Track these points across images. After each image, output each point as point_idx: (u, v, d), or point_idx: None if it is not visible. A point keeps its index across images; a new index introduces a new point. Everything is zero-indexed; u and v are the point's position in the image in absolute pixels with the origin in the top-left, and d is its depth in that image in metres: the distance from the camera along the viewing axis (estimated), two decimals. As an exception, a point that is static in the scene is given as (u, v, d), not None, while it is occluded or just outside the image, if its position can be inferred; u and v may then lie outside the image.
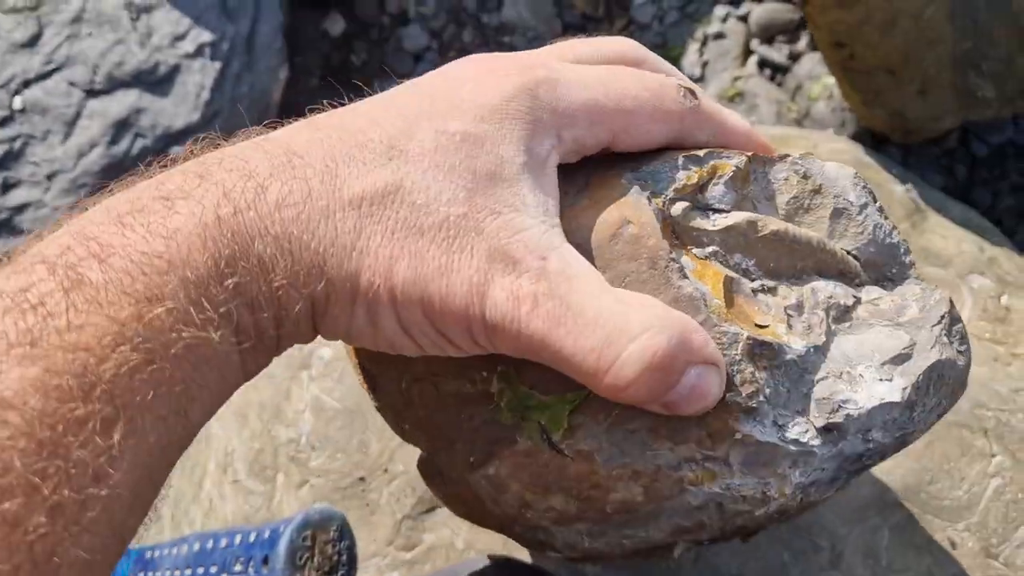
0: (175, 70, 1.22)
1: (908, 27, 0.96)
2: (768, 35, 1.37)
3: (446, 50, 1.49)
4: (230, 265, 0.28)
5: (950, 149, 1.34)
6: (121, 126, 1.19)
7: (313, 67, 1.52)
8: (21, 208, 1.18)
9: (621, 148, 0.36)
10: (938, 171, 1.33)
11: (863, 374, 0.36)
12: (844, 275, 0.39)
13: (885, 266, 0.40)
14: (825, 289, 0.38)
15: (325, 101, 0.36)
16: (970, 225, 1.03)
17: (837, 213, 0.39)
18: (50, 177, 1.18)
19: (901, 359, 0.37)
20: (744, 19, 1.38)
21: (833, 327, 0.37)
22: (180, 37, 1.22)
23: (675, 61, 1.40)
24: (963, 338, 0.39)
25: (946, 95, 1.03)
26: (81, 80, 1.20)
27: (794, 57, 1.36)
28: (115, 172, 1.19)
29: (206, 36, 1.23)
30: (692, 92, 0.37)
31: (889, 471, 0.86)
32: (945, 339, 0.38)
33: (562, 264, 0.31)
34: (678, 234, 0.36)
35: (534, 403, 0.36)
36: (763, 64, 1.36)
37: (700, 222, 0.37)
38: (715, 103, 0.39)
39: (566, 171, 0.36)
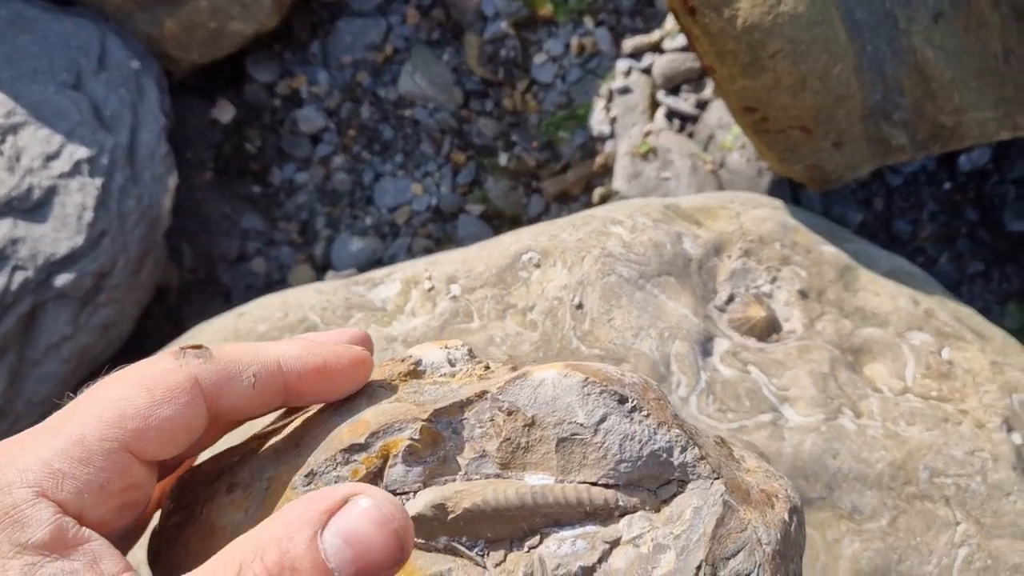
0: (51, 192, 1.12)
1: (817, 87, 0.94)
2: (673, 85, 1.34)
3: (344, 128, 1.42)
4: None
5: (865, 182, 1.34)
6: (-3, 260, 1.09)
7: (205, 160, 1.43)
8: None
9: (150, 456, 0.31)
10: (856, 208, 1.32)
11: None
12: (594, 515, 0.33)
13: (660, 476, 0.33)
14: (559, 551, 0.32)
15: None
16: (900, 275, 1.02)
17: (565, 443, 0.33)
18: (-78, 325, 1.07)
19: None
20: (647, 71, 1.35)
21: None
22: (53, 156, 1.13)
23: (582, 120, 1.36)
24: None
25: (860, 146, 1.01)
26: (-54, 214, 1.09)
27: (701, 105, 1.34)
28: (-5, 311, 1.09)
29: (82, 152, 1.13)
30: (196, 346, 0.32)
31: (857, 555, 0.83)
32: None
33: None
34: None
35: None
36: (671, 115, 1.34)
37: None
38: (244, 346, 0.33)
39: (249, 466, 0.35)
